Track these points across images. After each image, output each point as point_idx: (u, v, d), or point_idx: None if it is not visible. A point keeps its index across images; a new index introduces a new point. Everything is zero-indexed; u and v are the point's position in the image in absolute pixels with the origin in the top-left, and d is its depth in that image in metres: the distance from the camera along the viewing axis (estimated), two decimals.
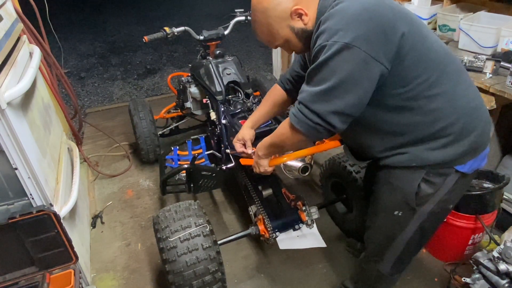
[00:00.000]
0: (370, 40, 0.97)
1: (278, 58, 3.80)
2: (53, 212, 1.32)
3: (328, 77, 1.02)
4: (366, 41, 0.97)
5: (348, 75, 1.00)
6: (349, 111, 1.05)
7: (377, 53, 0.98)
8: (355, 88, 1.02)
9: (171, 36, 2.25)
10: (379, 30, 0.98)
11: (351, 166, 1.99)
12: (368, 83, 1.02)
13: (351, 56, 0.98)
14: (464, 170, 1.18)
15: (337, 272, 2.00)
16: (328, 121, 1.06)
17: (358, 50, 0.96)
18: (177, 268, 1.50)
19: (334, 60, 1.00)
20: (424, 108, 1.09)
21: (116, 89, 4.61)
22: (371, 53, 0.97)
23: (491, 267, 1.49)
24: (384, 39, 0.98)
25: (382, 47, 0.99)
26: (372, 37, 0.97)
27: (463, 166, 1.17)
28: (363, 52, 0.97)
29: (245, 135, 1.68)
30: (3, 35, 1.52)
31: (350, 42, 0.96)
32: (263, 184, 2.06)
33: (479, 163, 1.22)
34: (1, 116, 1.29)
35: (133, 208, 2.55)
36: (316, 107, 1.06)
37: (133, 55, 5.74)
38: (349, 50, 0.97)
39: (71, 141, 2.29)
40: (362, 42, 0.96)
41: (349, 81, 1.00)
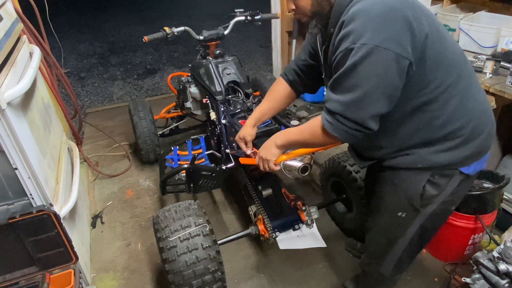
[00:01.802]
0: (399, 40, 0.95)
1: (278, 58, 3.80)
2: (53, 212, 1.32)
3: (360, 83, 0.99)
4: (395, 42, 0.95)
5: (381, 79, 0.98)
6: (385, 111, 1.04)
7: (407, 52, 0.96)
8: (389, 89, 1.00)
9: (171, 36, 2.25)
10: (406, 29, 0.96)
11: (351, 166, 1.99)
12: (400, 82, 1.01)
13: (382, 58, 0.95)
14: (469, 171, 1.18)
15: (337, 272, 2.00)
16: (367, 127, 1.04)
17: (388, 51, 0.94)
18: (177, 267, 1.50)
19: (364, 64, 0.97)
20: (439, 111, 1.09)
21: (116, 89, 4.61)
22: (402, 53, 0.96)
23: (491, 267, 1.49)
24: (411, 38, 0.96)
25: (410, 46, 0.97)
26: (401, 37, 0.95)
27: (468, 168, 1.17)
28: (393, 53, 0.95)
29: (247, 134, 1.67)
30: (3, 35, 1.52)
31: (380, 44, 0.94)
32: (263, 184, 2.06)
33: (482, 165, 1.22)
34: (1, 116, 1.29)
35: (133, 208, 2.55)
36: (353, 116, 1.03)
37: (133, 55, 5.74)
38: (379, 53, 0.95)
39: (71, 141, 2.29)
40: (392, 43, 0.94)
41: (382, 85, 0.99)
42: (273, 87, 1.62)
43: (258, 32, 6.43)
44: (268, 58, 5.06)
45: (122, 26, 7.36)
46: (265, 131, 1.92)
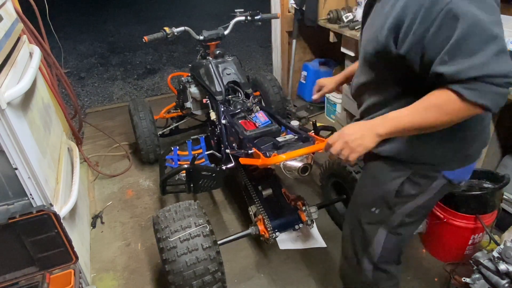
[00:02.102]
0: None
1: (278, 58, 3.80)
2: (53, 212, 1.32)
3: (488, 38, 0.87)
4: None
5: (498, 27, 0.89)
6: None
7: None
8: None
9: (171, 36, 2.25)
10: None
11: (351, 166, 1.99)
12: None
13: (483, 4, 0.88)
14: (452, 177, 1.15)
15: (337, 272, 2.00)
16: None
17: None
18: (177, 268, 1.50)
19: (469, 15, 0.86)
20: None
21: (116, 89, 4.61)
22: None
23: (491, 267, 1.49)
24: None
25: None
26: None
27: (452, 173, 1.14)
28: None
29: (327, 83, 1.56)
30: (3, 35, 1.52)
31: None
32: (263, 184, 2.06)
33: (466, 175, 1.19)
34: (1, 116, 1.29)
35: (133, 208, 2.55)
36: (498, 69, 0.88)
37: (133, 55, 5.74)
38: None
39: (71, 141, 2.29)
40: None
41: (500, 33, 0.89)
42: None
43: (258, 32, 6.43)
44: (268, 58, 5.06)
45: (122, 26, 7.36)
46: (265, 131, 1.92)
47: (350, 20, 2.81)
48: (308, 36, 3.58)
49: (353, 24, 2.71)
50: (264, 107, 2.14)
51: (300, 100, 3.85)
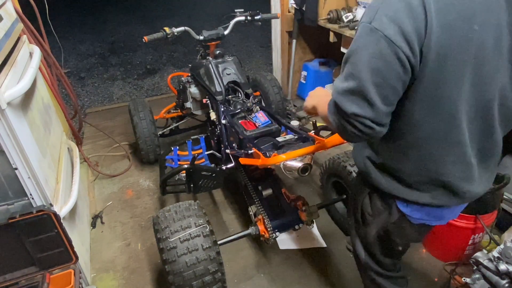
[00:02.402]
0: (397, 23, 0.84)
1: (278, 58, 3.80)
2: (53, 212, 1.33)
3: (359, 71, 0.92)
4: (392, 25, 0.85)
5: (378, 74, 0.90)
6: (379, 118, 0.95)
7: (414, 58, 0.86)
8: (387, 91, 0.92)
9: (171, 36, 2.25)
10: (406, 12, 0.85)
11: (351, 166, 1.99)
12: (401, 87, 0.91)
13: (383, 48, 0.86)
14: (405, 211, 1.12)
15: (337, 272, 2.00)
16: (354, 123, 0.96)
17: (383, 36, 0.86)
18: (177, 268, 1.50)
19: (364, 50, 0.90)
20: (399, 147, 1.04)
21: (116, 89, 4.61)
22: (411, 60, 0.86)
23: (491, 267, 1.49)
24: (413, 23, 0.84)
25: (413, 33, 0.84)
26: (402, 21, 0.84)
27: (405, 206, 1.11)
28: (402, 55, 0.86)
29: None
30: (3, 35, 1.52)
31: (377, 26, 0.86)
32: (263, 184, 2.06)
33: (428, 218, 1.13)
34: (1, 116, 1.29)
35: (133, 208, 2.55)
36: (344, 106, 0.95)
37: (133, 55, 5.74)
38: (376, 36, 0.87)
39: (71, 141, 2.29)
40: (388, 27, 0.85)
41: (378, 82, 0.91)
42: None
43: (258, 32, 6.43)
44: (268, 58, 5.06)
45: (122, 26, 7.36)
46: (265, 131, 1.92)
47: (350, 20, 2.81)
48: (308, 36, 3.58)
49: (353, 24, 2.71)
50: (264, 107, 2.14)
51: (300, 100, 3.84)
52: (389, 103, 0.91)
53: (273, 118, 2.05)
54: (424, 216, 1.13)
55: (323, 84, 3.51)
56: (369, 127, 0.92)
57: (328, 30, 2.98)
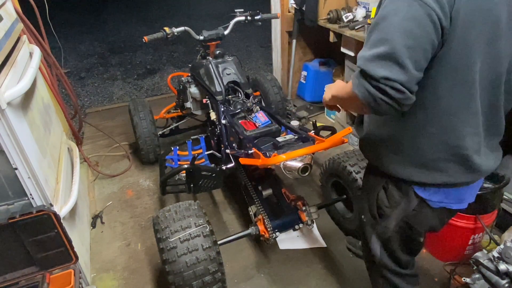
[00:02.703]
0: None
1: (278, 58, 3.80)
2: (53, 212, 1.32)
3: (390, 35, 0.91)
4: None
5: (411, 35, 0.89)
6: (409, 83, 0.92)
7: (446, 20, 0.88)
8: (418, 53, 0.91)
9: (171, 36, 2.25)
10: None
11: (352, 166, 1.99)
12: (431, 50, 0.91)
13: (416, 9, 0.88)
14: (424, 196, 1.12)
15: (337, 272, 2.00)
16: (385, 87, 0.91)
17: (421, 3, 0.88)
18: (177, 268, 1.50)
19: (397, 14, 0.90)
20: (419, 121, 1.04)
21: (116, 89, 4.61)
22: (442, 19, 0.88)
23: (491, 267, 1.49)
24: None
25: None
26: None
27: (423, 190, 1.12)
28: (433, 13, 0.87)
29: None
30: (3, 35, 1.52)
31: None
32: (263, 184, 2.06)
33: (448, 201, 1.14)
34: (1, 116, 1.29)
35: (133, 208, 2.55)
36: (373, 71, 0.92)
37: (133, 55, 5.74)
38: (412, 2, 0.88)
39: (71, 141, 2.29)
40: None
41: (411, 44, 0.90)
42: None
43: (258, 32, 6.43)
44: (268, 58, 5.06)
45: (122, 26, 7.36)
46: (265, 131, 1.92)
47: (350, 20, 2.81)
48: (308, 36, 3.58)
49: (353, 24, 2.71)
50: (264, 107, 2.14)
51: (300, 100, 3.84)
52: (419, 68, 0.90)
53: (273, 118, 2.05)
54: (444, 198, 1.13)
55: (323, 84, 3.47)
56: (401, 91, 0.88)
57: (328, 30, 2.98)
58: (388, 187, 1.18)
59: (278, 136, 1.89)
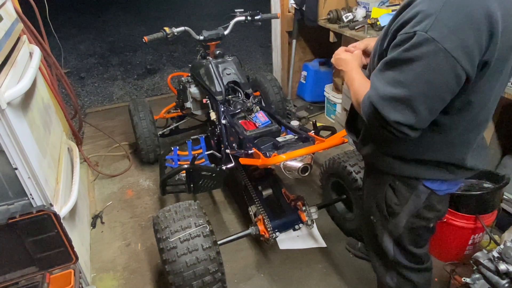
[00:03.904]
0: (463, 39, 0.84)
1: (278, 58, 3.80)
2: (53, 212, 1.32)
3: (409, 81, 0.89)
4: (458, 43, 0.83)
5: (431, 86, 0.89)
6: (421, 125, 0.94)
7: (471, 67, 0.87)
8: (434, 101, 0.91)
9: (171, 36, 2.25)
10: (483, 32, 0.85)
11: (352, 166, 1.99)
12: (449, 96, 0.92)
13: (438, 61, 0.85)
14: (434, 188, 1.14)
15: (337, 272, 2.00)
16: (395, 129, 0.94)
17: (446, 54, 0.85)
18: (177, 268, 1.50)
19: (420, 62, 0.86)
20: (432, 134, 1.04)
21: (116, 89, 4.61)
22: (466, 68, 0.87)
23: (491, 267, 1.49)
24: (477, 38, 0.84)
25: (475, 50, 0.85)
26: (466, 33, 0.84)
27: (432, 183, 1.14)
28: (458, 66, 0.85)
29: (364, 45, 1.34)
30: (3, 35, 1.52)
31: (439, 40, 0.83)
32: (263, 184, 2.06)
33: (452, 187, 1.18)
34: (1, 116, 1.29)
35: (133, 208, 2.55)
36: (386, 115, 0.92)
37: (133, 55, 5.74)
38: (437, 53, 0.84)
39: (71, 141, 2.29)
40: (453, 44, 0.83)
41: (430, 94, 0.90)
42: None
43: (258, 32, 6.43)
44: (268, 58, 5.06)
45: (122, 26, 7.36)
46: (265, 131, 1.92)
47: (350, 20, 2.81)
48: (308, 36, 3.58)
49: (353, 24, 2.71)
50: (264, 107, 2.14)
51: (300, 100, 3.84)
52: (434, 113, 0.94)
53: (273, 118, 2.05)
54: (449, 186, 1.17)
55: (323, 84, 3.51)
56: (405, 133, 0.94)
57: (328, 30, 2.98)
58: (395, 184, 1.17)
59: (278, 136, 1.89)
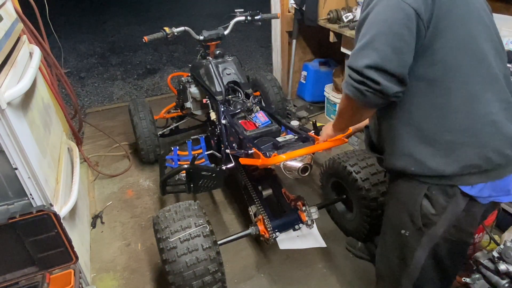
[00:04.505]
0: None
1: (278, 58, 3.80)
2: (53, 212, 1.32)
3: (366, 31, 0.99)
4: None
5: (385, 25, 0.96)
6: (388, 65, 0.95)
7: (417, 4, 0.95)
8: (392, 37, 0.96)
9: (171, 36, 2.25)
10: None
11: (352, 167, 1.99)
12: (407, 35, 0.96)
13: (389, 4, 0.96)
14: (473, 193, 1.06)
15: (337, 272, 2.00)
16: (368, 76, 0.96)
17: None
18: (177, 268, 1.50)
19: (372, 12, 0.99)
20: (442, 97, 1.03)
21: (116, 89, 4.61)
22: (410, 3, 0.94)
23: (491, 267, 1.49)
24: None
25: (421, 0, 0.95)
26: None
27: (470, 188, 1.06)
28: (401, 1, 0.94)
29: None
30: (3, 35, 1.52)
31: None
32: (263, 184, 2.06)
33: (497, 194, 1.08)
34: (1, 116, 1.29)
35: (133, 208, 2.55)
36: (355, 64, 0.99)
37: (133, 55, 5.74)
38: (387, 0, 0.96)
39: (71, 141, 2.29)
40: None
41: (386, 31, 0.96)
42: None
43: (258, 32, 6.43)
44: (268, 58, 5.06)
45: (122, 26, 7.36)
46: (265, 131, 1.92)
47: (350, 20, 2.81)
48: (308, 36, 3.58)
49: (353, 24, 2.71)
50: (264, 107, 2.14)
51: (300, 100, 3.84)
52: (398, 52, 0.96)
53: (273, 118, 2.05)
54: (492, 192, 1.08)
55: (323, 84, 3.51)
56: (378, 82, 0.96)
57: (328, 30, 2.98)
58: (431, 194, 1.11)
59: (278, 136, 1.89)
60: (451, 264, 1.22)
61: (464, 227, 1.14)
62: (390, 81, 0.96)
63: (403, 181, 1.17)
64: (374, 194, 1.90)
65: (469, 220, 1.13)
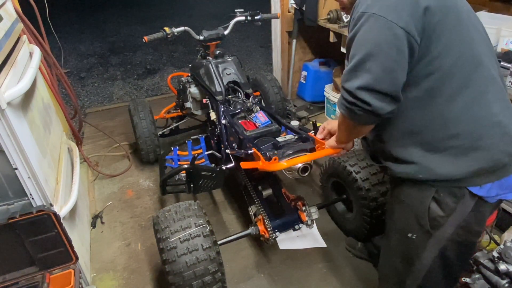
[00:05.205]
0: (396, 9, 0.95)
1: (278, 58, 3.80)
2: (53, 212, 1.33)
3: (357, 52, 0.99)
4: (392, 10, 0.95)
5: (374, 46, 0.96)
6: (380, 85, 0.96)
7: (405, 23, 0.94)
8: (383, 58, 0.96)
9: (171, 36, 2.25)
10: (404, 1, 0.96)
11: (351, 167, 1.99)
12: (397, 54, 0.96)
13: (376, 25, 0.96)
14: (481, 194, 1.07)
15: (337, 272, 2.00)
16: (359, 98, 0.98)
17: (383, 19, 0.95)
18: (177, 268, 1.50)
19: (360, 31, 0.99)
20: (443, 105, 1.03)
21: (116, 89, 4.61)
22: (397, 22, 0.94)
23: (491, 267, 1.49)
24: (410, 10, 0.95)
25: (409, 17, 0.95)
26: (398, 7, 0.95)
27: (479, 188, 1.06)
28: (388, 21, 0.94)
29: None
30: (3, 35, 1.52)
31: (376, 12, 0.95)
32: (263, 184, 2.06)
33: (503, 192, 1.09)
34: (1, 116, 1.29)
35: (133, 208, 2.55)
36: (347, 85, 1.01)
37: (133, 55, 5.74)
38: (374, 20, 0.96)
39: (71, 141, 2.29)
40: (388, 12, 0.95)
41: (375, 52, 0.96)
42: None
43: (258, 32, 6.43)
44: (268, 58, 5.06)
45: (122, 26, 7.35)
46: (265, 131, 1.92)
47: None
48: (308, 36, 3.58)
49: None
50: (264, 107, 2.14)
51: (300, 100, 3.84)
52: (389, 73, 0.97)
53: (273, 118, 2.05)
54: (499, 190, 1.08)
55: (323, 84, 3.51)
56: (368, 103, 0.97)
57: (328, 30, 2.98)
58: (439, 196, 1.10)
59: (278, 136, 1.89)
60: (457, 264, 1.23)
61: (472, 227, 1.14)
62: (382, 101, 0.98)
63: (409, 186, 1.16)
64: (374, 194, 1.90)
65: (477, 219, 1.13)
